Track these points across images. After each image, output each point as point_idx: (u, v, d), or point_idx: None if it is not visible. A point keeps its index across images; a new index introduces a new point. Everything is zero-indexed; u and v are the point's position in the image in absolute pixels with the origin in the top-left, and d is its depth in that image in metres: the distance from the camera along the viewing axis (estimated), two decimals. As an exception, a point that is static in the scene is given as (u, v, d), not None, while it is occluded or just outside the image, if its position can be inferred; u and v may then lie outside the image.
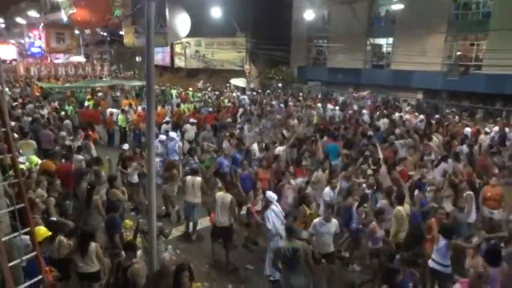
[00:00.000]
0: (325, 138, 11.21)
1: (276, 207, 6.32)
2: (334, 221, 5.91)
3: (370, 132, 11.93)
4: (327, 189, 7.33)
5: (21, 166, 7.73)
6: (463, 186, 7.30)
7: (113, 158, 10.07)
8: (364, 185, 7.72)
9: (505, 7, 18.67)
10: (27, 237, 3.95)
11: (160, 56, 38.44)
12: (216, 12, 25.25)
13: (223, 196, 6.67)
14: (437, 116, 16.52)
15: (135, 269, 4.37)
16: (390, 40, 25.80)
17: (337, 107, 18.11)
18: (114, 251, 5.61)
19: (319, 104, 19.04)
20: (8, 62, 42.77)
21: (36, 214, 5.62)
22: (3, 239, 3.58)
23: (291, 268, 4.92)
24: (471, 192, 7.16)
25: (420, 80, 22.49)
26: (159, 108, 16.63)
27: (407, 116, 16.37)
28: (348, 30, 25.19)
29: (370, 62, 26.98)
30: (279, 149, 10.04)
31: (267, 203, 6.37)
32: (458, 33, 21.74)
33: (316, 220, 5.87)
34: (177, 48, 35.77)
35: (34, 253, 3.91)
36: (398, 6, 23.29)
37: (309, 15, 23.27)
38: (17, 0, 48.76)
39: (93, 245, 5.03)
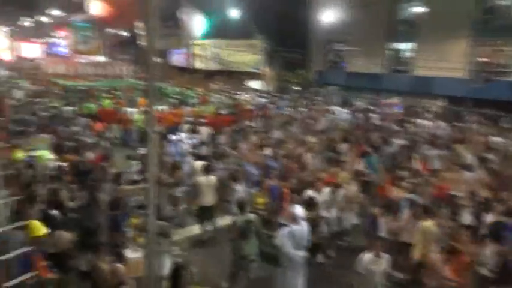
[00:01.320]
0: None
1: (299, 226, 5.49)
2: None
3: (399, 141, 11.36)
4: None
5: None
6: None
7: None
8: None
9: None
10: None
11: (178, 57, 38.78)
12: (234, 15, 25.25)
13: (208, 178, 7.49)
14: (460, 124, 15.87)
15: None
16: (411, 45, 25.17)
17: (345, 110, 17.73)
18: (114, 249, 5.47)
19: (334, 107, 18.64)
20: (32, 59, 44.13)
21: (36, 207, 5.54)
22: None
23: (244, 237, 5.65)
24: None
25: (443, 87, 21.78)
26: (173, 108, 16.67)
27: (429, 124, 15.82)
28: (368, 34, 24.73)
29: (391, 67, 26.38)
30: (308, 157, 9.53)
31: (293, 219, 5.58)
32: (483, 38, 20.99)
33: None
34: (196, 50, 35.97)
35: (29, 248, 3.80)
36: (419, 10, 22.73)
37: (327, 18, 22.98)
38: None
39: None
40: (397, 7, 25.95)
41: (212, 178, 7.43)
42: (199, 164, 8.45)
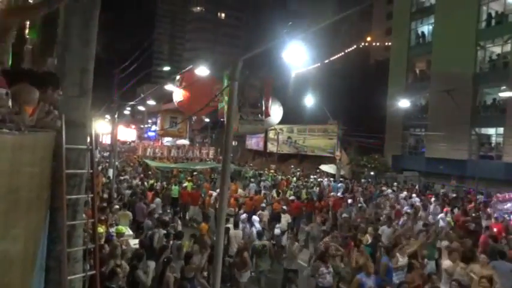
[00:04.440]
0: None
1: None
2: None
3: None
4: None
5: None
6: None
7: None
8: None
9: None
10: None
11: (254, 141, 40.74)
12: (309, 101, 26.28)
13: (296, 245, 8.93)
14: None
15: None
16: (500, 130, 23.44)
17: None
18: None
19: (414, 197, 16.93)
20: (128, 143, 49.95)
21: (114, 284, 5.77)
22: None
23: (260, 257, 8.20)
24: None
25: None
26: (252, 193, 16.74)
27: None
28: (449, 119, 23.65)
29: (477, 152, 24.49)
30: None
31: None
32: None
33: None
34: (271, 134, 37.60)
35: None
36: (508, 94, 21.44)
37: (405, 103, 22.75)
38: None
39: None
40: (483, 92, 24.95)
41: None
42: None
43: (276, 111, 18.87)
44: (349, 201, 14.90)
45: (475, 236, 10.58)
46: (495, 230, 10.83)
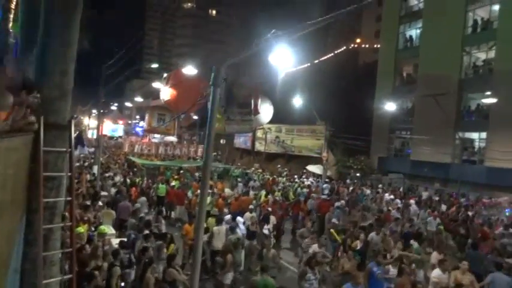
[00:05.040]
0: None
1: None
2: None
3: None
4: None
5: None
6: None
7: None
8: None
9: None
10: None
11: (242, 140, 40.72)
12: (297, 101, 26.38)
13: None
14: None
15: None
16: (483, 135, 23.92)
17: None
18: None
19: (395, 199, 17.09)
20: (115, 138, 49.45)
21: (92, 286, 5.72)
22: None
23: (236, 249, 8.68)
24: None
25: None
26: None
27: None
28: (434, 123, 24.03)
29: (460, 156, 24.96)
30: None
31: None
32: None
33: None
34: (259, 133, 37.63)
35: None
36: (491, 100, 21.89)
37: (391, 106, 23.00)
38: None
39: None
40: (467, 97, 25.39)
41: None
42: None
43: (266, 110, 18.83)
44: (337, 203, 14.61)
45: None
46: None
